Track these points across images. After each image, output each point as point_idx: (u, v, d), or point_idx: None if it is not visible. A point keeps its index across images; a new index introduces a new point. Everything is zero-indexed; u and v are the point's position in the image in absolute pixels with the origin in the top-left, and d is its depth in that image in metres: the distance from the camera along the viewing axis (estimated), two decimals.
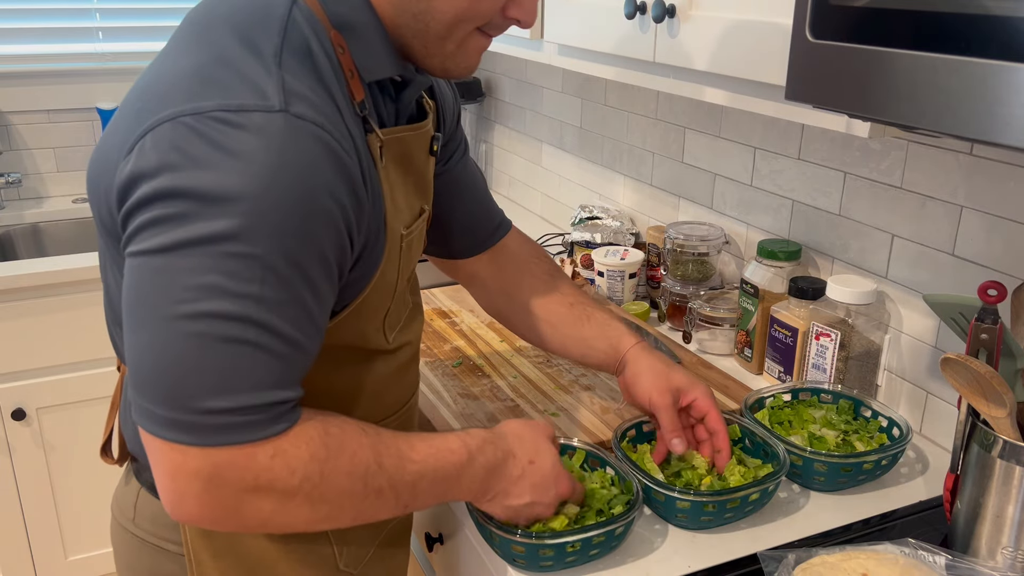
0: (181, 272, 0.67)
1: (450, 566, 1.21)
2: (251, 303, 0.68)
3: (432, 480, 0.82)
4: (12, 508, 2.04)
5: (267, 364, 0.70)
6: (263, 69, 0.71)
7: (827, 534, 1.02)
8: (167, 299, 0.68)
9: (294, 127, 0.69)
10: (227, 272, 0.67)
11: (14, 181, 2.30)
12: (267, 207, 0.68)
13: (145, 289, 0.69)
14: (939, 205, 1.16)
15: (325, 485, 0.75)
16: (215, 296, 0.67)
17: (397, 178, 0.86)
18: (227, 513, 0.73)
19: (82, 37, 2.38)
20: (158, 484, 0.72)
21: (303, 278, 0.71)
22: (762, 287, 1.36)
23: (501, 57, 2.38)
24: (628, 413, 1.21)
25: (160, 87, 0.73)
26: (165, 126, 0.69)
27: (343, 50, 0.78)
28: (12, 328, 1.92)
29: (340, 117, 0.75)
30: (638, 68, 1.25)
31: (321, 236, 0.72)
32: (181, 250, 0.67)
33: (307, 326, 0.73)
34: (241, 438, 0.70)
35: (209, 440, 0.69)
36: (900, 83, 0.72)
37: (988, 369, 0.85)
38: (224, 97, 0.69)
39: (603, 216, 1.85)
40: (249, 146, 0.68)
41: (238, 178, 0.67)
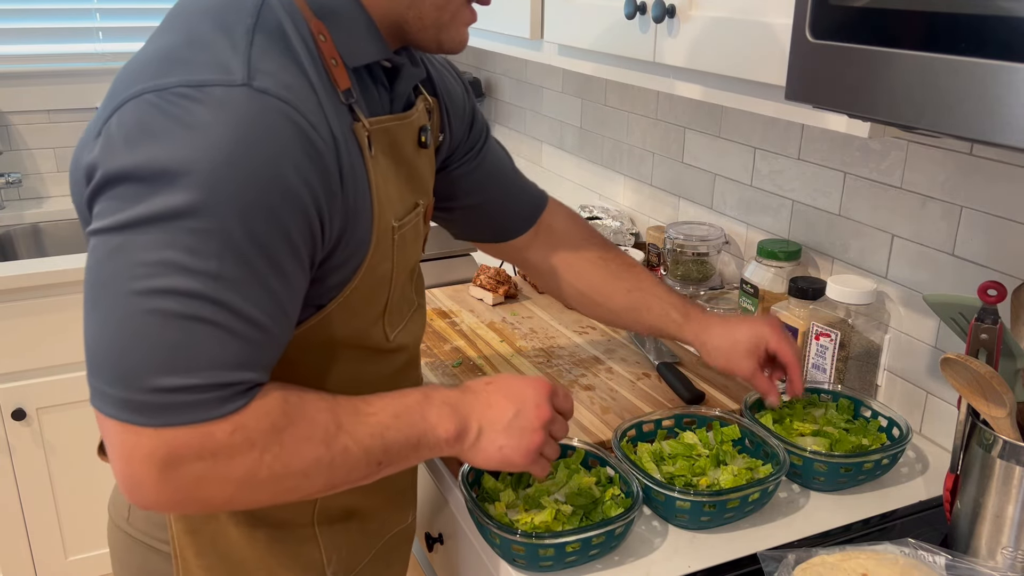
0: (137, 249, 0.66)
1: (450, 566, 1.21)
2: (208, 280, 0.67)
3: (398, 429, 0.79)
4: (12, 508, 2.04)
5: (224, 343, 0.68)
6: (230, 46, 0.71)
7: (827, 534, 1.02)
8: (122, 276, 0.66)
9: (257, 100, 0.68)
10: (184, 248, 0.66)
11: (14, 181, 2.30)
12: (224, 180, 0.66)
13: (101, 267, 0.68)
14: (939, 205, 1.16)
15: (288, 455, 0.73)
16: (171, 272, 0.66)
17: (388, 169, 0.85)
18: (185, 495, 0.70)
19: (82, 37, 2.38)
20: (114, 469, 0.69)
21: (266, 257, 0.69)
22: (762, 287, 1.36)
23: (501, 57, 2.38)
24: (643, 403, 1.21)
25: (129, 71, 0.73)
26: (128, 104, 0.69)
27: (325, 38, 0.77)
28: (12, 328, 1.92)
29: (316, 101, 0.73)
30: (638, 68, 1.25)
31: (284, 213, 0.70)
32: (138, 227, 0.66)
33: (271, 307, 0.71)
34: (194, 417, 0.68)
35: (161, 420, 0.67)
36: (900, 83, 0.72)
37: (988, 369, 0.85)
38: (187, 73, 0.68)
39: (603, 216, 1.85)
40: (207, 118, 0.66)
41: (194, 151, 0.66)
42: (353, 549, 0.97)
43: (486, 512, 0.94)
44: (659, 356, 1.36)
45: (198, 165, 0.66)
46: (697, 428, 1.13)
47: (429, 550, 1.26)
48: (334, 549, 0.94)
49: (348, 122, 0.78)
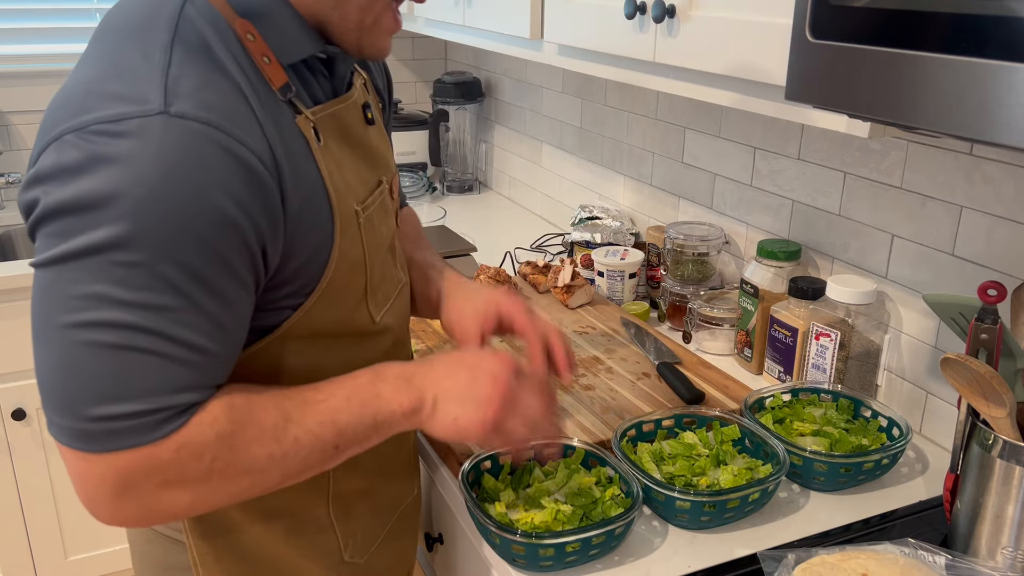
0: (68, 282, 0.67)
1: (450, 566, 1.21)
2: (139, 310, 0.67)
3: (350, 411, 0.79)
4: (12, 508, 2.04)
5: (161, 369, 0.69)
6: (147, 71, 0.70)
7: (827, 534, 1.02)
8: (56, 310, 0.68)
9: (175, 127, 0.67)
10: (113, 280, 0.67)
11: (14, 181, 2.30)
12: (148, 212, 0.66)
13: (40, 301, 0.69)
14: (939, 205, 1.16)
15: (238, 459, 0.74)
16: (102, 305, 0.67)
17: (342, 154, 0.84)
18: (145, 511, 0.73)
19: (82, 37, 2.38)
20: (76, 491, 0.72)
21: (200, 283, 0.70)
22: (762, 287, 1.36)
23: (501, 57, 2.39)
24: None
25: (54, 107, 0.72)
26: (52, 146, 0.69)
27: (253, 37, 0.76)
28: (12, 328, 1.92)
29: (248, 111, 0.72)
30: (638, 68, 1.25)
31: (217, 240, 0.69)
32: (68, 261, 0.67)
33: (211, 329, 0.71)
34: (136, 441, 0.69)
35: (105, 446, 0.69)
36: (900, 83, 0.72)
37: (988, 369, 0.85)
38: (103, 108, 0.68)
39: (603, 216, 1.85)
40: (125, 151, 0.66)
41: (116, 185, 0.66)
42: (367, 531, 0.98)
43: (486, 512, 0.94)
44: (659, 356, 1.36)
45: (119, 197, 0.66)
46: (697, 428, 1.13)
47: (429, 550, 1.26)
48: (350, 534, 0.96)
49: (290, 118, 0.77)
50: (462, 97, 2.44)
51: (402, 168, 2.51)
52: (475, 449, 1.12)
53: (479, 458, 1.03)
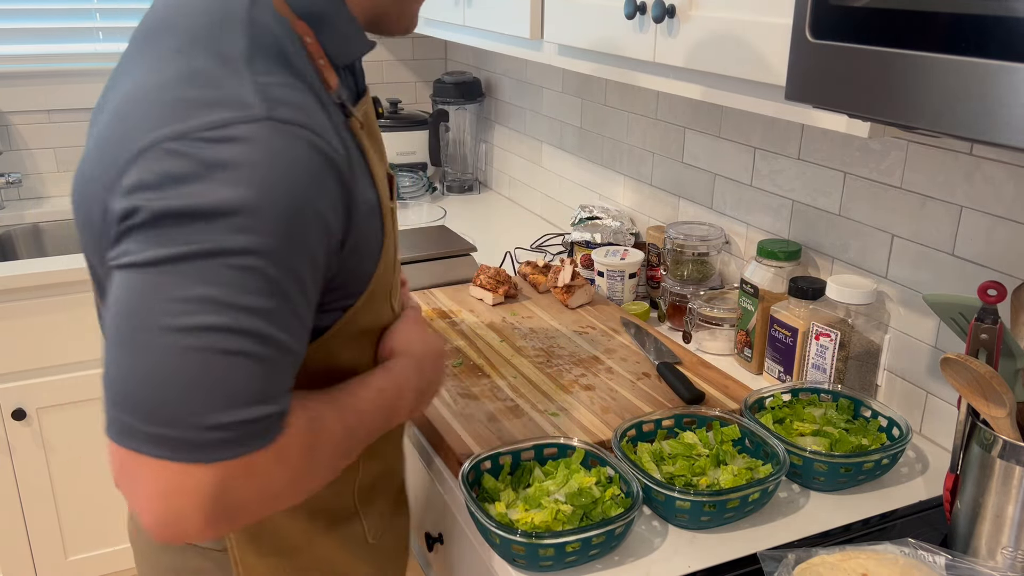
0: (174, 286, 0.66)
1: (450, 566, 1.21)
2: (247, 315, 0.67)
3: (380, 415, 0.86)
4: (12, 508, 2.04)
5: (267, 375, 0.69)
6: (236, 77, 0.69)
7: (827, 534, 1.02)
8: (158, 314, 0.66)
9: (282, 132, 0.68)
10: (222, 284, 0.66)
11: (14, 181, 2.30)
12: (264, 216, 0.66)
13: (133, 304, 0.67)
14: (939, 205, 1.16)
15: (316, 465, 0.77)
16: (211, 309, 0.65)
17: (373, 152, 0.85)
18: (230, 522, 0.71)
19: (82, 37, 2.38)
20: (141, 505, 0.68)
21: (297, 285, 0.70)
22: (762, 287, 1.36)
23: (501, 57, 2.39)
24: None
25: (139, 109, 0.71)
26: (150, 154, 0.67)
27: (311, 40, 0.77)
28: (12, 328, 1.92)
29: (322, 111, 0.73)
30: (638, 68, 1.25)
31: (313, 242, 0.70)
32: (176, 264, 0.66)
33: (299, 331, 0.72)
34: (245, 449, 0.68)
35: (214, 455, 0.67)
36: (900, 83, 0.72)
37: (988, 369, 0.85)
38: (203, 115, 0.67)
39: (603, 216, 1.85)
40: (239, 158, 0.66)
41: (231, 191, 0.65)
42: (383, 512, 1.02)
43: (486, 512, 0.94)
44: (659, 356, 1.36)
45: (234, 204, 0.65)
46: (697, 428, 1.13)
47: (429, 550, 1.26)
48: (371, 519, 1.00)
49: (342, 120, 0.78)
50: (462, 97, 2.44)
51: (402, 168, 2.51)
52: (474, 449, 1.12)
53: (479, 458, 1.03)
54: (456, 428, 1.18)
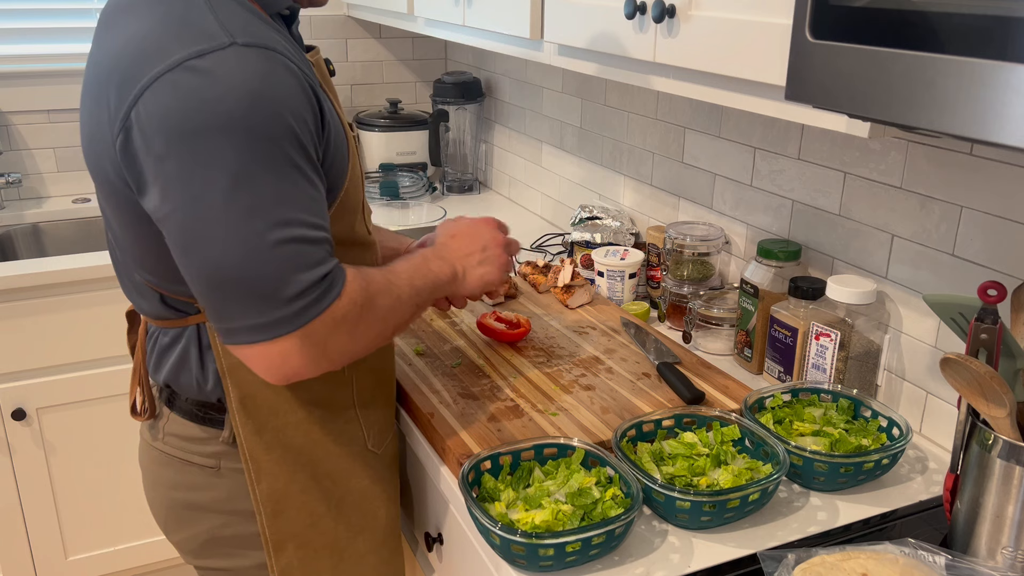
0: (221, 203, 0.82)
1: (450, 566, 1.21)
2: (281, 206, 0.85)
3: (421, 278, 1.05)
4: (12, 508, 2.04)
5: (311, 247, 0.88)
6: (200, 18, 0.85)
7: (827, 534, 1.02)
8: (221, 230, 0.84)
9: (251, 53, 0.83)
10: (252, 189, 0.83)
11: (14, 181, 2.30)
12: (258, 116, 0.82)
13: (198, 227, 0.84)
14: (939, 205, 1.16)
15: (375, 306, 0.96)
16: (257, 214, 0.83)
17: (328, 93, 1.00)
18: (332, 364, 0.94)
19: (82, 37, 2.38)
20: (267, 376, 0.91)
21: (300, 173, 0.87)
22: (762, 287, 1.36)
23: (501, 57, 2.38)
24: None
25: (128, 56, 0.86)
26: (150, 89, 0.82)
27: None
28: (12, 328, 1.92)
29: (284, 39, 0.89)
30: (638, 68, 1.25)
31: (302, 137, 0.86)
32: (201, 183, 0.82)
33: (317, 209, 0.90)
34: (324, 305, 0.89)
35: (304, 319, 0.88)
36: (900, 83, 0.72)
37: (988, 369, 0.85)
38: (183, 49, 0.82)
39: (603, 216, 1.85)
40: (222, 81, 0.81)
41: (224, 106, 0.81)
42: (382, 424, 1.17)
43: (486, 512, 0.94)
44: (659, 356, 1.36)
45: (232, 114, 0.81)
46: (697, 428, 1.13)
47: (429, 550, 1.26)
48: (369, 426, 1.14)
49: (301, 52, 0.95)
50: (462, 97, 2.44)
51: (402, 168, 2.51)
52: (474, 449, 1.12)
53: (479, 458, 1.03)
54: (456, 428, 1.18)
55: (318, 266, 0.88)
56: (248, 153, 0.82)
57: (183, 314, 1.02)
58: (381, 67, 2.68)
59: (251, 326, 0.87)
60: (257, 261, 0.85)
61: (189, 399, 1.07)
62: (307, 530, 1.10)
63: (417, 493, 1.32)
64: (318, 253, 0.89)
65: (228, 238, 0.84)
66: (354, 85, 2.65)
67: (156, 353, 1.08)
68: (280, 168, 0.84)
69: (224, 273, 0.85)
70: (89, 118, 0.93)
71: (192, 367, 1.04)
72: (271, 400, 1.04)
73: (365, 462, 1.14)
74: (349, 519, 1.14)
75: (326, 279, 0.89)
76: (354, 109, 2.65)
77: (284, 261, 0.85)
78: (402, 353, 1.41)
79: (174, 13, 0.86)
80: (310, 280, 0.87)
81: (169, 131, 0.81)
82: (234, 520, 1.09)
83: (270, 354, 0.89)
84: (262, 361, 0.90)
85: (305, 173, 0.87)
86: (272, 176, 0.84)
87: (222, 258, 0.84)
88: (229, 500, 1.08)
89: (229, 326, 0.89)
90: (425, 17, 1.97)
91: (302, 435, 1.07)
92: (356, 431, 1.12)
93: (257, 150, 0.82)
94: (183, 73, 0.81)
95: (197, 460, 1.08)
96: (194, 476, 1.09)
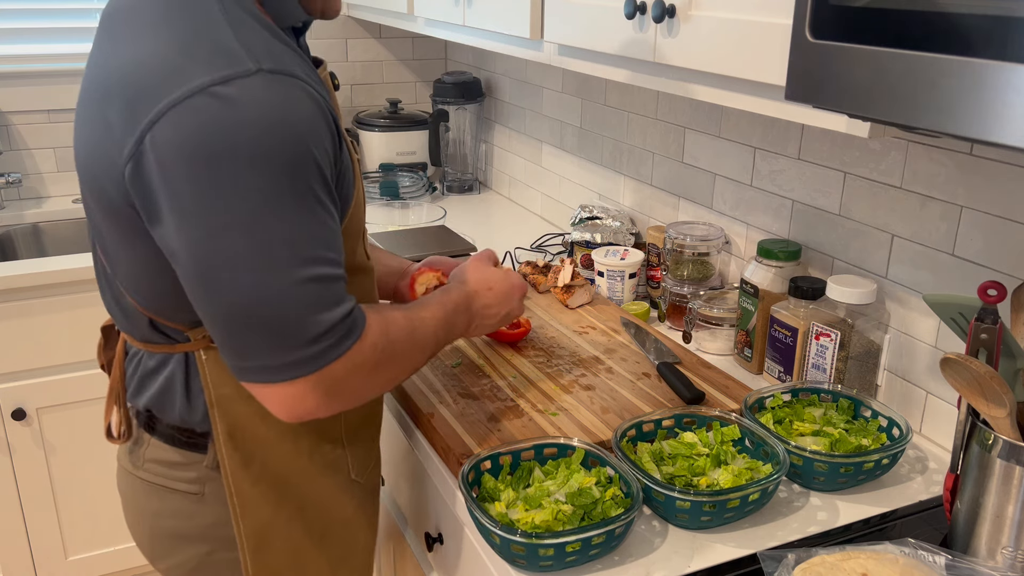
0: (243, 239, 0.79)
1: (450, 566, 1.21)
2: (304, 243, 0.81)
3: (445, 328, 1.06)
4: (12, 508, 2.04)
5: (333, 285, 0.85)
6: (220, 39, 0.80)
7: (827, 534, 1.02)
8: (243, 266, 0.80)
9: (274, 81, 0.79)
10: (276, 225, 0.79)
11: (14, 181, 2.30)
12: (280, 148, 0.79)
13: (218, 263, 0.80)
14: (939, 205, 1.16)
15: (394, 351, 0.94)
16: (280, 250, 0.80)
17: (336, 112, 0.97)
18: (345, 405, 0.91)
19: (82, 37, 2.38)
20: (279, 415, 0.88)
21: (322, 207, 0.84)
22: (762, 287, 1.36)
23: (501, 57, 2.39)
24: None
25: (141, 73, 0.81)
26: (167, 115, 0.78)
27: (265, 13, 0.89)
28: (12, 328, 1.92)
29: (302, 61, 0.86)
30: (638, 68, 1.25)
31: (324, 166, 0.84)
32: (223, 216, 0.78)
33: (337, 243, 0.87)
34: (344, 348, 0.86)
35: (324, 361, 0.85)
36: (900, 83, 0.72)
37: (988, 369, 0.85)
38: (207, 73, 0.78)
39: (603, 216, 1.85)
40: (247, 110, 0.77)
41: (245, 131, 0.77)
42: (365, 455, 1.14)
43: (486, 512, 0.94)
44: (659, 356, 1.36)
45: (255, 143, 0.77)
46: (697, 428, 1.13)
47: (429, 550, 1.26)
48: (355, 456, 1.11)
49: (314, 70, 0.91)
50: (462, 97, 2.44)
51: (402, 168, 2.51)
52: (474, 449, 1.12)
53: (479, 458, 1.03)
54: (456, 428, 1.18)
55: (339, 305, 0.85)
56: (272, 185, 0.78)
57: (172, 340, 0.98)
58: (381, 67, 2.68)
59: (268, 366, 0.84)
60: (278, 300, 0.81)
61: (171, 424, 1.02)
62: (290, 565, 1.06)
63: (417, 493, 1.32)
64: (339, 291, 0.85)
65: (248, 275, 0.80)
66: (354, 85, 2.65)
67: (139, 376, 1.03)
68: (303, 201, 0.81)
69: (243, 311, 0.81)
70: (89, 130, 0.87)
71: (177, 395, 0.99)
72: (261, 433, 1.00)
73: (350, 492, 1.11)
74: (331, 551, 1.10)
75: (347, 320, 0.86)
76: (354, 109, 2.65)
77: (306, 301, 0.82)
78: None
79: (192, 29, 0.81)
80: (331, 321, 0.84)
81: (189, 160, 0.77)
82: (221, 547, 1.05)
83: (285, 395, 0.86)
84: (276, 401, 0.87)
85: (325, 206, 0.84)
86: (295, 210, 0.80)
87: (241, 296, 0.80)
88: (215, 526, 1.04)
89: (244, 364, 0.85)
90: (425, 17, 1.97)
91: (289, 466, 1.03)
92: (342, 462, 1.09)
93: (282, 183, 0.79)
94: (206, 99, 0.77)
95: (181, 487, 1.03)
96: (177, 503, 1.04)
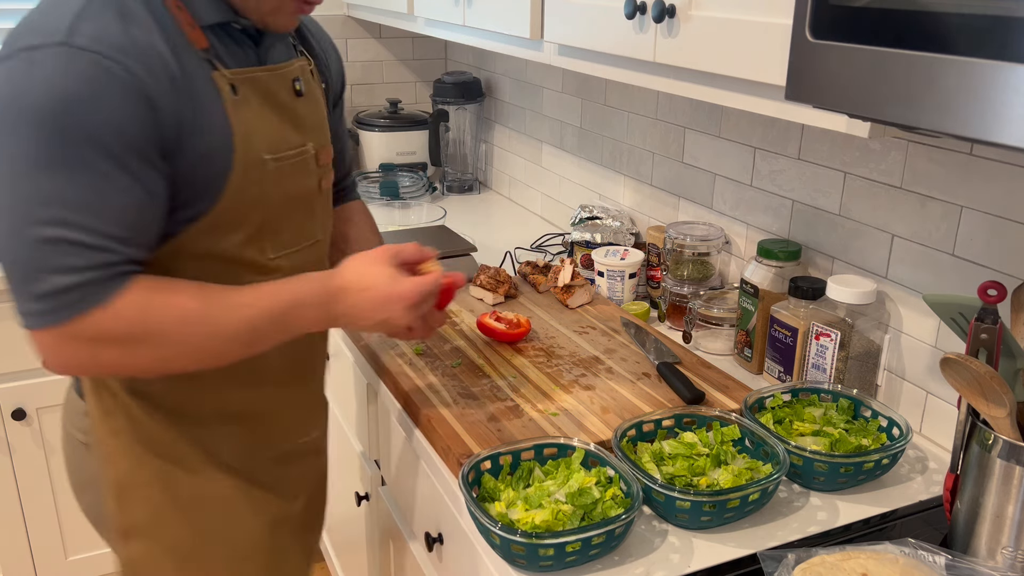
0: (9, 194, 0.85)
1: (450, 566, 1.21)
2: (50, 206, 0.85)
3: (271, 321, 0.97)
4: (12, 508, 2.04)
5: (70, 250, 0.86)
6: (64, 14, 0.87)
7: (827, 534, 1.02)
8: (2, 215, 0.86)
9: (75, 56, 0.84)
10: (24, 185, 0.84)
11: None
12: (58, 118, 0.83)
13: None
14: (939, 205, 1.16)
15: (162, 331, 0.92)
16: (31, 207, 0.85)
17: (262, 112, 1.00)
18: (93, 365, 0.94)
19: None
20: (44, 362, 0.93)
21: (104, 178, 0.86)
22: (762, 287, 1.36)
23: (501, 57, 2.39)
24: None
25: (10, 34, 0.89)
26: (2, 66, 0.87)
27: (180, 7, 0.93)
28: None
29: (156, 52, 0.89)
30: (638, 68, 1.25)
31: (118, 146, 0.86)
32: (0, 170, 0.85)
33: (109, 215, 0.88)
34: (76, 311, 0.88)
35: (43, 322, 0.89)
36: (900, 83, 0.72)
37: (988, 369, 0.85)
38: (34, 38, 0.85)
39: (603, 216, 1.85)
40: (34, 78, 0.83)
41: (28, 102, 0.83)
42: (246, 446, 1.12)
43: (486, 512, 0.94)
44: (659, 356, 1.36)
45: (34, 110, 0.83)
46: (697, 428, 1.13)
47: (429, 550, 1.26)
48: (223, 440, 1.10)
49: (207, 72, 0.94)
50: (462, 97, 2.44)
51: (402, 168, 2.51)
52: (474, 449, 1.12)
53: (479, 458, 1.03)
54: (456, 428, 1.18)
55: (73, 273, 0.87)
56: (40, 149, 0.84)
57: None
58: (381, 67, 2.68)
59: (18, 311, 0.91)
60: (12, 253, 0.87)
61: None
62: (151, 523, 1.09)
63: (417, 493, 1.32)
64: (79, 261, 0.87)
65: (2, 224, 0.87)
66: (354, 85, 2.65)
67: None
68: (72, 170, 0.85)
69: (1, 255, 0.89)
70: None
71: None
72: (115, 386, 1.04)
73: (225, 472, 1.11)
74: (200, 524, 1.11)
75: (79, 289, 0.87)
76: (354, 109, 2.65)
77: (35, 258, 0.86)
78: (402, 353, 1.41)
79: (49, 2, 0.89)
80: (60, 285, 0.87)
81: None
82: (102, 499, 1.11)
83: (40, 341, 0.91)
84: (35, 345, 0.92)
85: (112, 179, 0.87)
86: (58, 175, 0.85)
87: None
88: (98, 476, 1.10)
89: (14, 305, 0.92)
90: (425, 17, 1.97)
91: (150, 430, 1.06)
92: (206, 439, 1.09)
93: (43, 148, 0.84)
94: (15, 62, 0.85)
95: (80, 437, 1.12)
96: (77, 452, 1.13)
